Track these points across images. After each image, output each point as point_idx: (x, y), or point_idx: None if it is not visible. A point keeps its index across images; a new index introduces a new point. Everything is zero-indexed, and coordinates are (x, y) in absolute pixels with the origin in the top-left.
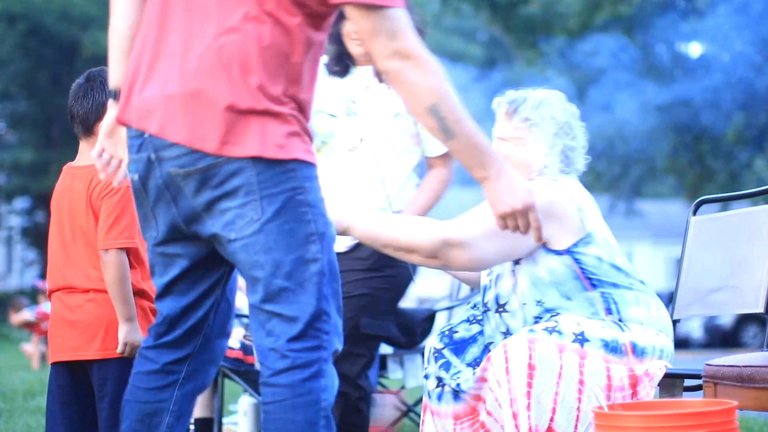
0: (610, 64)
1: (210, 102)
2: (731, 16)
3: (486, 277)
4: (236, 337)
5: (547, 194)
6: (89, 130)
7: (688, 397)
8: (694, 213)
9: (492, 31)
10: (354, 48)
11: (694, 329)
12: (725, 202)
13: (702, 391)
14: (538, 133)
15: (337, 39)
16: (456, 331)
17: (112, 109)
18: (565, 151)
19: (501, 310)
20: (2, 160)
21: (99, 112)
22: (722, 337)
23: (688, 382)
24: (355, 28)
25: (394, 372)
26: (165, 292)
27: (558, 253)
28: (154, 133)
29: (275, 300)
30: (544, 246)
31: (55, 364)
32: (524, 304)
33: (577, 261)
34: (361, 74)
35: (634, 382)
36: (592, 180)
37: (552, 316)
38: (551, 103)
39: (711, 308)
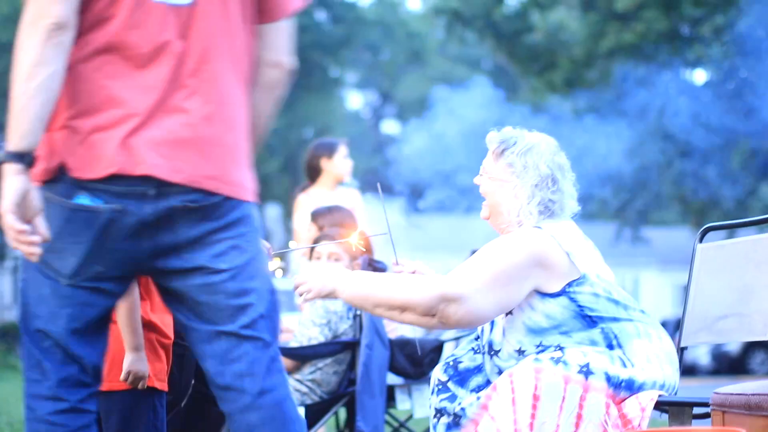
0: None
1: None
2: (736, 43)
3: None
4: None
5: (533, 244)
6: None
7: (696, 425)
8: (701, 240)
9: (497, 60)
10: None
11: (701, 356)
12: (732, 230)
13: (710, 419)
14: (517, 182)
15: None
16: (461, 362)
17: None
18: (544, 202)
19: (493, 354)
20: None
21: None
22: (729, 364)
23: (696, 410)
24: None
25: (403, 402)
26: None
27: (553, 296)
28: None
29: (255, 326)
30: (538, 292)
31: None
32: (523, 350)
33: (573, 300)
34: None
35: (624, 419)
36: (599, 208)
37: (557, 348)
38: (540, 152)
39: (718, 336)
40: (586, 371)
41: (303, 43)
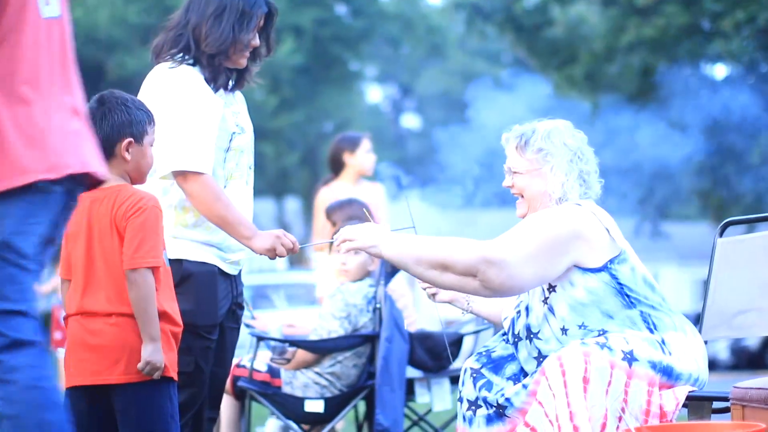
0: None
1: None
2: (757, 37)
3: (513, 310)
4: (263, 359)
5: (574, 218)
6: (110, 152)
7: (716, 419)
8: (720, 235)
9: (517, 54)
10: (242, 60)
11: (720, 351)
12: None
13: (730, 414)
14: (553, 162)
15: (225, 52)
16: (493, 351)
17: None
18: (581, 175)
19: (532, 336)
20: None
21: (120, 133)
22: (748, 359)
23: (716, 405)
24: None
25: (422, 396)
26: None
27: (594, 270)
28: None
29: None
30: (579, 267)
31: (72, 389)
32: (566, 329)
33: (614, 277)
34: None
35: (662, 410)
36: (618, 201)
37: (600, 333)
38: (560, 131)
39: (738, 331)
40: (630, 358)
41: (323, 37)
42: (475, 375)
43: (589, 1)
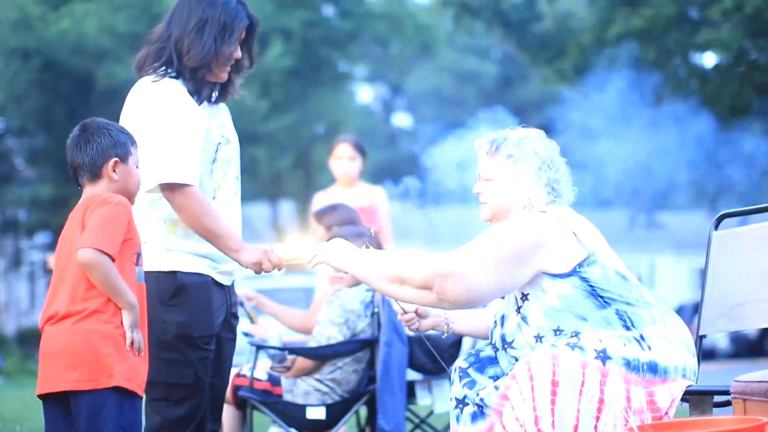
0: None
1: None
2: (745, 23)
3: (492, 319)
4: (263, 368)
5: (535, 226)
6: (97, 174)
7: (717, 413)
8: (716, 227)
9: (506, 49)
10: (223, 74)
11: (719, 339)
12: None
13: (731, 407)
14: (521, 169)
15: (207, 65)
16: (482, 350)
17: None
18: (550, 183)
19: (506, 346)
20: (22, 195)
21: (106, 154)
22: (748, 347)
23: (717, 398)
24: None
25: (423, 398)
26: None
27: (563, 276)
28: None
29: None
30: (547, 273)
31: (44, 397)
32: (540, 336)
33: (584, 280)
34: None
35: (654, 406)
36: (614, 193)
37: (573, 335)
38: (532, 139)
39: (737, 323)
40: (603, 356)
41: (311, 39)
42: (461, 374)
43: None
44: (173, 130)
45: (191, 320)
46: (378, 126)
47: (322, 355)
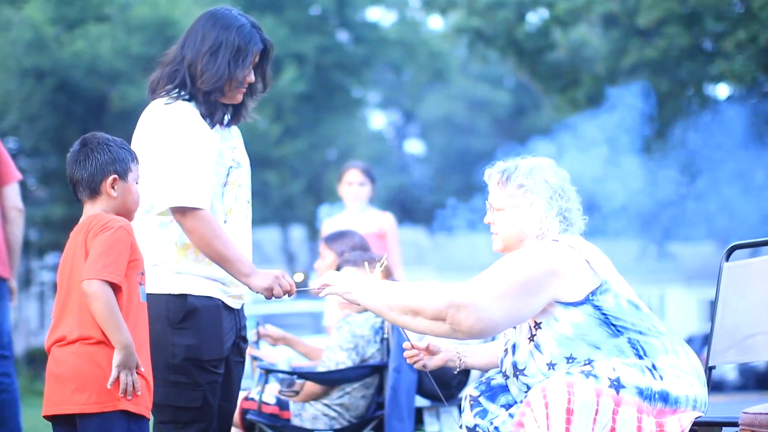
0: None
1: None
2: (759, 55)
3: (502, 348)
4: (271, 392)
5: (548, 255)
6: (96, 190)
7: None
8: (727, 259)
9: (519, 78)
10: (238, 96)
11: (728, 371)
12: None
13: None
14: (533, 198)
15: (220, 88)
16: (493, 378)
17: None
18: (561, 212)
19: (518, 374)
20: (33, 215)
21: (105, 171)
22: (756, 379)
23: (725, 430)
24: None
25: (431, 425)
26: None
27: (576, 304)
28: None
29: None
30: (560, 302)
31: (53, 419)
32: (553, 364)
33: (597, 308)
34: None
35: None
36: (625, 224)
37: (586, 363)
38: (542, 168)
39: (747, 354)
40: (617, 385)
41: (325, 64)
42: (473, 402)
43: (591, 24)
44: (185, 154)
45: (201, 344)
46: (390, 152)
47: (330, 380)
